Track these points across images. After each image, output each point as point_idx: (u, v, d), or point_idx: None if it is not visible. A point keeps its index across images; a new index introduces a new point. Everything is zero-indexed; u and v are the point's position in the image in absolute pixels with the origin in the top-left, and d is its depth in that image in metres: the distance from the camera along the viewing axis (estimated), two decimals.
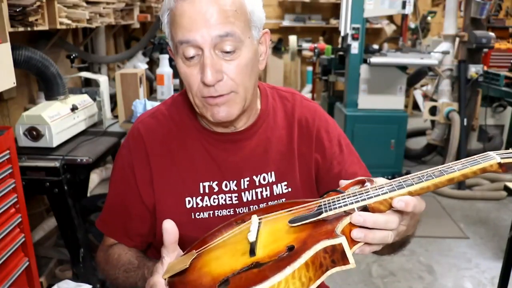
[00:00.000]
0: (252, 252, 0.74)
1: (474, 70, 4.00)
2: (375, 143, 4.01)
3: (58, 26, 2.17)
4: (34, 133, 1.98)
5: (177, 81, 3.10)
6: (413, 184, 0.72)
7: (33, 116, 2.00)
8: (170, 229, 0.80)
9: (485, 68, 4.11)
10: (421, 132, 5.02)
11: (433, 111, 4.23)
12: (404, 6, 3.73)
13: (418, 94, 6.64)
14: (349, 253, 0.66)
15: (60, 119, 2.07)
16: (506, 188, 2.19)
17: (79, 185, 2.13)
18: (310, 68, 6.80)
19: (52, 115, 2.03)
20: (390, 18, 6.96)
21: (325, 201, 0.77)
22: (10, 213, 1.62)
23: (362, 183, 0.81)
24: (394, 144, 4.04)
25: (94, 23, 2.68)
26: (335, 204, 0.74)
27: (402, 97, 4.09)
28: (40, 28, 2.05)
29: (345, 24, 3.85)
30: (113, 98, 2.80)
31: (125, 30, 4.25)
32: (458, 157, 3.99)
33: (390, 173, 4.10)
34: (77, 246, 2.05)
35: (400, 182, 0.73)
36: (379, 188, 0.73)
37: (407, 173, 4.16)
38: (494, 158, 0.70)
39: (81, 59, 3.19)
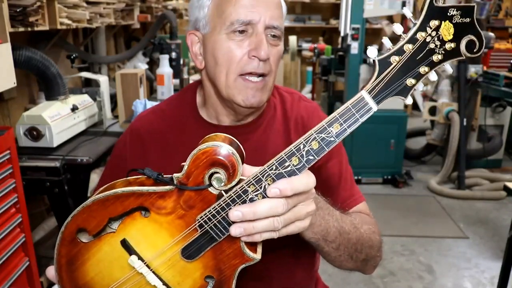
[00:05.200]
0: None
1: (473, 70, 4.00)
2: (375, 143, 4.02)
3: (59, 27, 2.17)
4: (34, 133, 1.99)
5: (177, 81, 3.10)
6: (295, 172, 0.68)
7: (33, 116, 2.00)
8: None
9: (485, 68, 4.12)
10: (420, 132, 5.02)
11: (432, 111, 4.23)
12: (404, 6, 3.74)
13: (418, 94, 6.64)
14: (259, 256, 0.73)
15: (60, 119, 2.07)
16: (505, 188, 2.19)
17: (79, 185, 2.13)
18: (310, 68, 6.80)
19: (52, 115, 2.04)
20: (390, 19, 6.95)
21: (202, 216, 0.71)
22: (10, 213, 1.63)
23: (216, 165, 0.69)
24: (394, 144, 4.04)
25: (94, 24, 2.68)
26: (217, 217, 0.71)
27: None
28: (40, 28, 2.04)
29: (345, 24, 3.85)
30: (113, 98, 2.80)
31: (125, 30, 4.25)
32: (457, 157, 4.00)
33: (390, 173, 4.11)
34: None
35: (275, 170, 0.68)
36: (255, 183, 0.68)
37: (407, 173, 4.18)
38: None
39: (81, 59, 3.19)
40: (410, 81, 0.67)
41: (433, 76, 0.67)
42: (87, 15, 2.49)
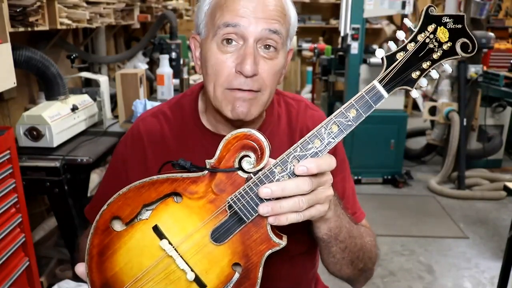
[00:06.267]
0: (201, 285, 0.77)
1: (473, 70, 4.01)
2: (375, 143, 4.02)
3: (59, 26, 2.17)
4: (34, 133, 1.99)
5: (177, 81, 3.10)
6: (316, 153, 0.74)
7: (33, 116, 2.00)
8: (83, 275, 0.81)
9: (485, 68, 4.12)
10: (420, 132, 5.02)
11: (432, 111, 4.23)
12: (403, 6, 3.74)
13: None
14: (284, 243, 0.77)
15: (60, 119, 2.07)
16: (505, 188, 2.19)
17: (79, 185, 2.13)
18: (310, 68, 6.80)
19: (52, 115, 2.04)
20: (390, 19, 6.95)
21: (231, 197, 0.75)
22: (10, 213, 1.63)
23: (246, 148, 0.76)
24: (394, 144, 4.04)
25: (94, 24, 2.68)
26: (246, 198, 0.74)
27: (402, 97, 4.09)
28: (40, 28, 2.04)
29: (345, 24, 3.85)
30: (113, 98, 2.80)
31: (125, 30, 4.25)
32: (457, 157, 4.00)
33: (390, 173, 4.11)
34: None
35: (299, 152, 0.74)
36: (282, 164, 0.74)
37: (407, 173, 4.18)
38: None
39: (81, 59, 3.19)
40: (415, 74, 0.76)
41: (434, 74, 0.76)
42: (87, 15, 2.49)
